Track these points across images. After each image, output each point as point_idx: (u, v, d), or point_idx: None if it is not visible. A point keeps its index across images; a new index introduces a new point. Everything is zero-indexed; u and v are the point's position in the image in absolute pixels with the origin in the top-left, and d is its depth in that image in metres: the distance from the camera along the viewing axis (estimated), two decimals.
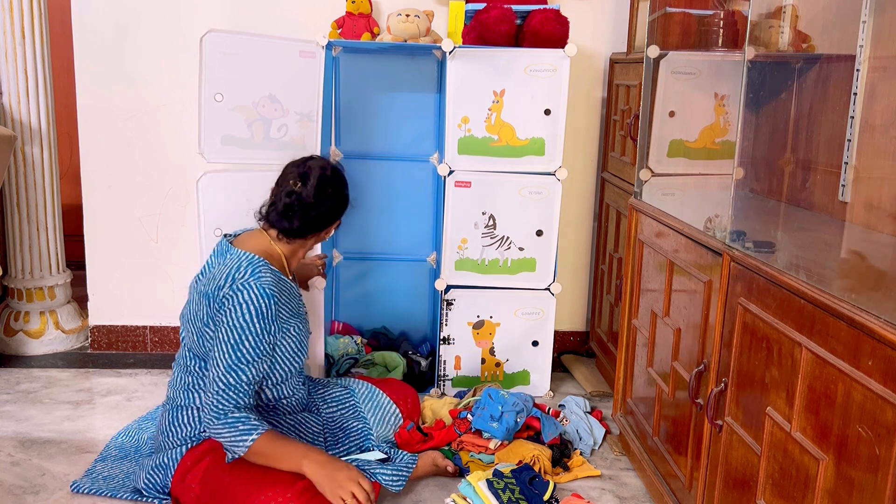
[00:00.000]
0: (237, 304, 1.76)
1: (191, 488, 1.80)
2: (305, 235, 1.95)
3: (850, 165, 1.64)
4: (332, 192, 1.93)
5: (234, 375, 1.76)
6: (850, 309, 1.11)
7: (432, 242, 2.83)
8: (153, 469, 1.87)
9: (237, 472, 1.76)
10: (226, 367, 1.76)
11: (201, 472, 1.79)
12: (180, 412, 1.88)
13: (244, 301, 1.76)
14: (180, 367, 1.93)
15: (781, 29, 1.92)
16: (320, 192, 1.91)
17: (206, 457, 1.81)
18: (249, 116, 2.38)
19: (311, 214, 1.91)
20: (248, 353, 1.76)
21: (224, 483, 1.76)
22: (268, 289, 1.79)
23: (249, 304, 1.76)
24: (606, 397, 2.64)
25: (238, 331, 1.76)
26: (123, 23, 2.72)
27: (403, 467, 1.95)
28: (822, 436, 1.19)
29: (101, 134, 2.79)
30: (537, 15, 2.39)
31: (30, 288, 2.90)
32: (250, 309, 1.76)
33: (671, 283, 1.89)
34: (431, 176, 2.78)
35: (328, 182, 1.92)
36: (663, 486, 1.89)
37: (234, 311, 1.76)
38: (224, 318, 1.77)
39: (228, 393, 1.75)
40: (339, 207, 1.98)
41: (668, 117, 2.16)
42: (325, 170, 1.94)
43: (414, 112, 2.74)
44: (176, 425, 1.87)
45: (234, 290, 1.77)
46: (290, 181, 1.92)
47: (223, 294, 1.79)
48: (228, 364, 1.76)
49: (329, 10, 2.71)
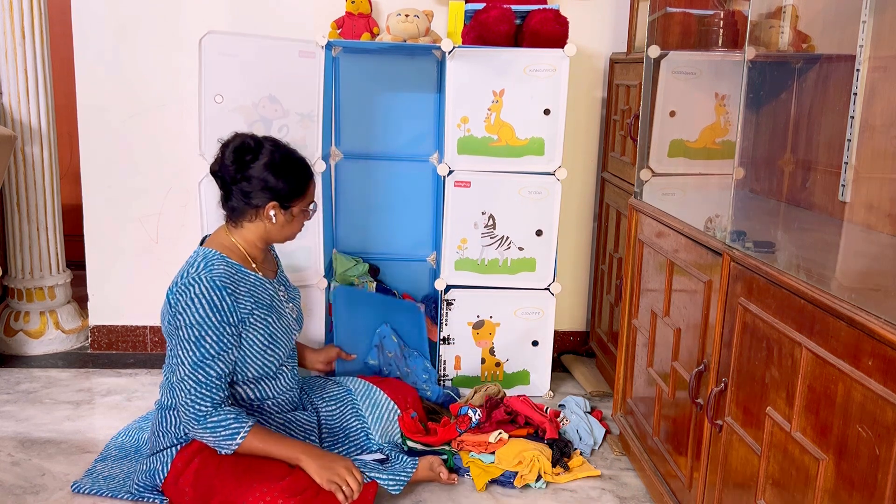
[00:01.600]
0: (189, 299, 1.74)
1: (184, 492, 1.79)
2: (244, 213, 1.86)
3: (850, 165, 1.64)
4: (255, 163, 1.81)
5: (203, 372, 1.74)
6: (850, 309, 1.11)
7: (432, 242, 2.83)
8: (145, 473, 1.87)
9: (225, 473, 1.76)
10: (192, 365, 1.74)
11: (192, 474, 1.79)
12: (167, 413, 1.88)
13: (196, 295, 1.74)
14: (168, 365, 1.91)
15: (781, 29, 1.92)
16: (239, 160, 1.81)
17: (196, 458, 1.80)
18: (250, 117, 2.38)
19: (239, 187, 1.82)
20: (212, 348, 1.75)
21: (213, 484, 1.76)
22: (218, 280, 1.76)
23: (202, 297, 1.74)
24: (606, 397, 2.64)
25: (197, 327, 1.74)
26: (123, 23, 2.72)
27: (402, 471, 1.95)
28: (822, 436, 1.19)
29: (101, 134, 2.79)
30: (537, 15, 2.39)
31: (30, 288, 2.90)
32: (203, 303, 1.74)
33: (671, 283, 1.89)
34: (431, 176, 2.78)
35: (248, 150, 1.82)
36: (663, 486, 1.89)
37: (189, 308, 1.74)
38: (182, 316, 1.75)
39: (201, 391, 1.74)
40: (272, 183, 1.83)
41: (668, 117, 2.16)
42: (246, 141, 1.84)
43: (414, 112, 2.74)
44: (165, 425, 1.87)
45: (185, 286, 1.76)
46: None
47: (176, 289, 1.78)
48: (194, 361, 1.74)
49: (329, 10, 2.71)
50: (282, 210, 1.87)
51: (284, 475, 1.76)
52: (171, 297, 1.80)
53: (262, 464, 1.79)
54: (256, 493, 1.71)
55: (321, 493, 1.76)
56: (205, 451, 1.81)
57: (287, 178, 1.85)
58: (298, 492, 1.73)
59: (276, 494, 1.71)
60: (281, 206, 1.86)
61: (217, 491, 1.75)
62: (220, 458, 1.79)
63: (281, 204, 1.86)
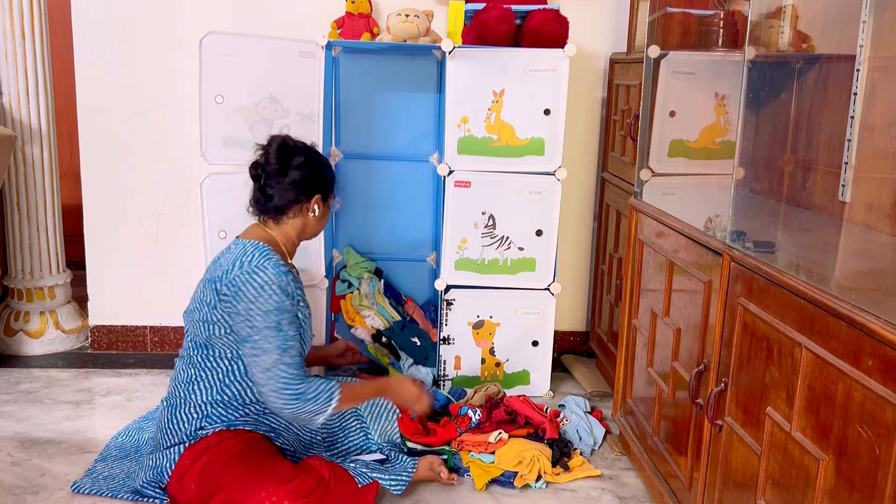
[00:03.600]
0: (260, 286, 1.77)
1: (188, 489, 1.80)
2: (284, 209, 1.93)
3: (850, 165, 1.64)
4: (297, 159, 1.92)
5: (289, 354, 1.79)
6: (850, 309, 1.11)
7: (432, 242, 2.83)
8: (151, 469, 1.87)
9: (233, 471, 1.77)
10: (279, 350, 1.78)
11: (198, 472, 1.79)
12: (178, 409, 1.88)
13: (265, 283, 1.78)
14: (183, 360, 1.92)
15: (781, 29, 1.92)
16: (283, 159, 1.91)
17: (203, 456, 1.81)
18: (250, 118, 2.39)
19: (281, 182, 1.91)
20: (290, 330, 1.81)
21: (220, 481, 1.76)
22: (282, 267, 1.82)
23: (272, 284, 1.78)
24: (606, 397, 2.64)
25: (275, 313, 1.77)
26: (123, 23, 2.72)
27: (403, 471, 1.95)
28: (822, 436, 1.19)
29: (101, 134, 2.79)
30: (537, 15, 2.39)
31: (30, 288, 2.90)
32: (273, 288, 1.78)
33: (671, 283, 1.89)
34: (431, 176, 2.78)
35: (290, 150, 1.93)
36: (663, 486, 1.89)
37: (261, 296, 1.77)
38: (251, 304, 1.77)
39: (291, 372, 1.78)
40: (314, 176, 1.94)
41: (668, 117, 2.16)
42: (286, 140, 1.95)
43: (414, 112, 2.74)
44: (174, 422, 1.87)
45: (251, 273, 1.78)
46: (255, 158, 1.96)
47: (235, 278, 1.79)
48: (280, 346, 1.78)
49: (329, 10, 2.71)
50: (322, 202, 1.98)
51: (292, 477, 1.77)
52: (228, 283, 1.79)
53: (271, 464, 1.80)
54: (262, 492, 1.72)
55: (327, 495, 1.77)
56: (213, 449, 1.81)
57: (326, 172, 1.99)
58: (305, 494, 1.74)
59: (282, 496, 1.71)
60: (322, 198, 1.97)
61: (223, 488, 1.75)
62: (228, 455, 1.79)
63: (323, 196, 1.97)
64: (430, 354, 2.62)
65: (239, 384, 1.85)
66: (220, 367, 1.86)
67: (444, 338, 2.58)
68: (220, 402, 1.85)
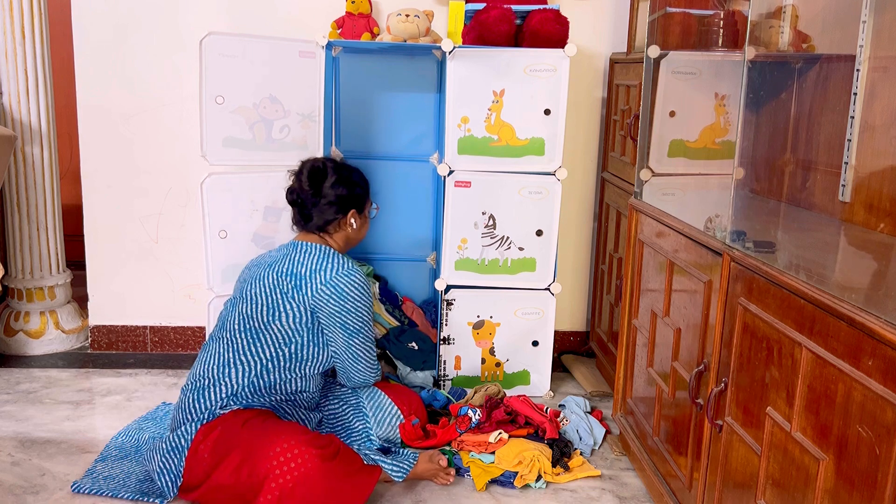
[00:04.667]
0: (354, 288, 2.00)
1: (202, 458, 1.83)
2: (325, 226, 2.11)
3: (850, 165, 1.64)
4: (329, 180, 2.09)
5: (372, 346, 2.11)
6: (850, 309, 1.11)
7: (432, 242, 2.83)
8: (169, 451, 1.88)
9: (249, 429, 1.83)
10: (367, 340, 2.07)
11: (213, 440, 1.84)
12: (207, 389, 1.94)
13: (359, 285, 2.01)
14: (221, 342, 1.99)
15: (781, 29, 1.92)
16: (315, 182, 2.08)
17: (218, 427, 1.86)
18: (251, 118, 2.39)
19: (318, 204, 2.08)
20: (372, 327, 2.11)
21: (236, 440, 1.81)
22: (363, 274, 2.05)
23: (363, 287, 2.03)
24: (606, 397, 2.64)
25: (367, 311, 2.05)
26: (123, 23, 2.72)
27: (405, 460, 1.98)
28: (822, 436, 1.19)
29: (101, 134, 2.80)
30: (537, 15, 2.39)
31: (30, 288, 2.90)
32: (365, 290, 2.04)
33: (671, 283, 1.89)
34: (431, 176, 2.78)
35: (321, 172, 2.10)
36: (663, 486, 1.89)
37: (362, 297, 2.02)
38: (347, 303, 1.98)
39: (373, 360, 2.12)
40: (347, 194, 2.10)
41: (668, 117, 2.16)
42: (315, 162, 2.13)
43: (414, 112, 2.74)
44: (199, 401, 1.92)
45: (346, 276, 2.00)
46: (289, 184, 2.14)
47: (332, 278, 1.98)
48: (365, 342, 2.07)
49: (329, 10, 2.71)
50: (358, 215, 2.14)
51: (306, 432, 1.84)
52: (327, 283, 1.98)
53: (287, 424, 1.88)
54: (280, 443, 1.77)
55: (338, 456, 1.82)
56: (227, 420, 1.87)
57: (358, 187, 2.14)
58: (319, 446, 1.79)
59: (298, 443, 1.77)
60: (358, 211, 2.14)
61: (239, 445, 1.80)
62: (244, 419, 1.87)
63: (358, 209, 2.14)
64: (431, 357, 2.62)
65: (278, 373, 1.97)
66: (265, 354, 1.95)
67: (444, 338, 2.58)
68: (255, 386, 1.94)
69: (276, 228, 2.48)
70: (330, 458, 1.80)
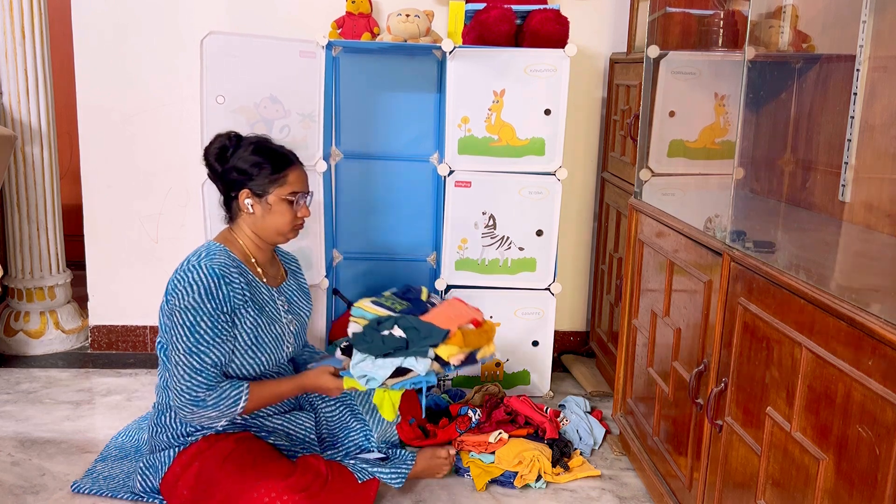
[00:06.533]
0: (188, 283, 1.75)
1: (181, 494, 1.79)
2: (230, 207, 1.91)
3: (850, 165, 1.64)
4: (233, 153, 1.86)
5: (198, 358, 1.74)
6: (850, 309, 1.11)
7: (432, 242, 2.83)
8: (146, 469, 1.87)
9: (229, 469, 1.76)
10: (186, 350, 1.73)
11: (192, 477, 1.78)
12: (164, 414, 1.88)
13: (193, 281, 1.75)
14: (160, 363, 1.92)
15: (781, 29, 1.92)
16: (221, 157, 1.87)
17: (196, 461, 1.80)
18: (251, 118, 2.38)
19: (222, 181, 1.89)
20: (207, 334, 1.74)
21: (216, 483, 1.76)
22: (218, 269, 1.77)
23: (199, 283, 1.75)
24: (606, 397, 2.64)
25: (192, 312, 1.74)
26: (123, 23, 2.72)
27: (403, 464, 1.95)
28: (822, 436, 1.19)
29: (101, 134, 2.80)
30: (537, 15, 2.39)
31: (30, 288, 2.90)
32: (199, 289, 1.74)
33: (671, 283, 1.89)
34: (431, 176, 2.78)
35: (225, 146, 1.87)
36: (663, 486, 1.89)
37: (184, 294, 1.74)
38: (177, 301, 1.75)
39: (196, 378, 1.73)
40: (245, 164, 1.85)
41: (668, 117, 2.16)
42: (226, 135, 1.89)
43: (414, 112, 2.74)
44: (162, 427, 1.87)
45: (185, 271, 1.77)
46: None
47: (174, 276, 1.79)
48: (188, 347, 1.73)
49: (329, 10, 2.71)
50: (256, 198, 1.86)
51: (290, 473, 1.76)
52: (169, 285, 1.81)
53: (267, 462, 1.79)
54: (261, 489, 1.71)
55: (325, 488, 1.77)
56: (205, 452, 1.80)
57: (255, 164, 1.85)
58: (303, 488, 1.74)
59: (280, 490, 1.71)
60: (253, 193, 1.85)
61: (220, 488, 1.75)
62: (222, 456, 1.78)
63: (253, 191, 1.85)
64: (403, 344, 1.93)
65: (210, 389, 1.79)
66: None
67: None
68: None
69: None
70: (317, 493, 1.74)
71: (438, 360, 1.85)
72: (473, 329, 1.94)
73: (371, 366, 1.82)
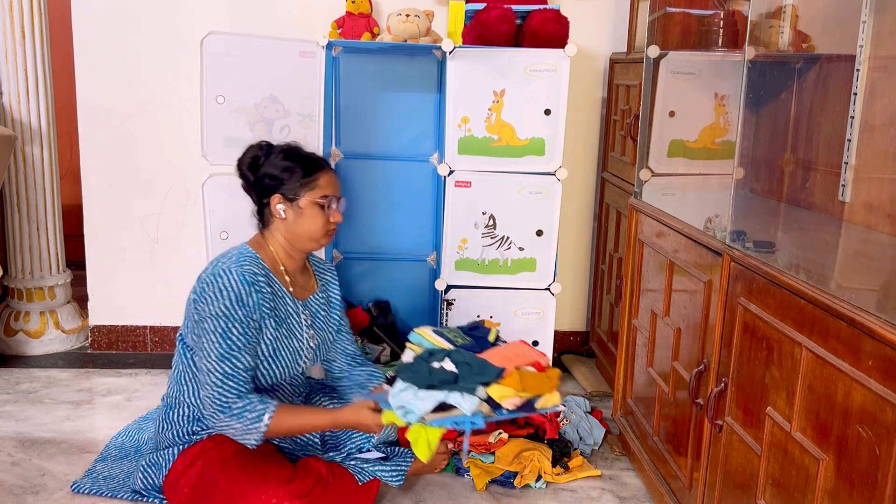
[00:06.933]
0: (217, 290, 1.74)
1: (182, 493, 1.79)
2: (260, 214, 1.91)
3: (850, 165, 1.64)
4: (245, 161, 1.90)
5: (229, 363, 1.73)
6: (850, 309, 1.11)
7: (432, 242, 2.83)
8: (148, 466, 1.87)
9: (231, 471, 1.75)
10: (217, 357, 1.73)
11: (194, 476, 1.78)
12: (173, 410, 1.88)
13: (223, 287, 1.74)
14: (176, 354, 1.91)
15: (781, 29, 1.92)
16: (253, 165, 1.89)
17: (199, 460, 1.79)
18: (251, 118, 2.39)
19: (254, 189, 1.90)
20: (239, 340, 1.74)
21: (218, 482, 1.75)
22: (248, 275, 1.76)
23: (229, 289, 1.74)
24: (606, 397, 2.64)
25: (223, 319, 1.73)
26: (123, 23, 2.72)
27: (402, 461, 1.96)
28: (822, 436, 1.19)
29: (101, 134, 2.79)
30: (537, 15, 2.39)
31: (30, 288, 2.90)
32: (230, 295, 1.73)
33: (671, 283, 1.89)
34: (431, 176, 2.77)
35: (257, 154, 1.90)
36: (663, 486, 1.89)
37: (215, 299, 1.74)
38: (207, 307, 1.74)
39: (227, 383, 1.72)
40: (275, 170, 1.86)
41: (668, 117, 2.16)
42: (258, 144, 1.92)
43: (414, 112, 2.74)
44: (168, 423, 1.87)
45: (215, 276, 1.75)
46: None
47: (204, 278, 1.78)
48: (220, 353, 1.73)
49: (329, 10, 2.71)
50: (288, 202, 1.86)
51: (291, 478, 1.76)
52: (198, 286, 1.79)
53: (269, 465, 1.78)
54: (262, 494, 1.71)
55: (326, 492, 1.77)
56: (208, 452, 1.80)
57: (286, 169, 1.86)
58: (305, 493, 1.73)
59: (282, 496, 1.71)
60: (285, 197, 1.85)
61: (220, 490, 1.74)
62: (225, 457, 1.78)
63: (285, 196, 1.85)
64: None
65: None
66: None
67: None
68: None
69: None
70: (319, 497, 1.74)
71: (490, 402, 1.69)
72: (534, 372, 1.76)
73: (412, 397, 1.69)
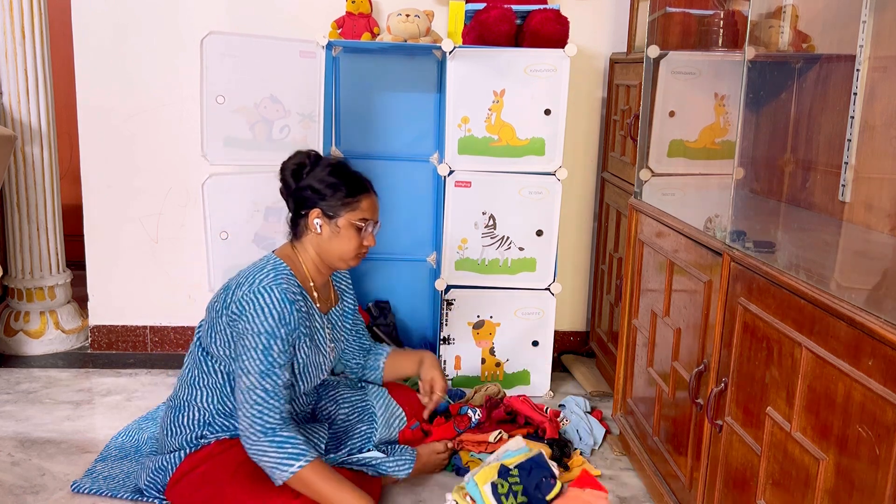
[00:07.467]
0: (259, 308, 1.71)
1: (186, 495, 1.78)
2: (298, 225, 1.87)
3: (850, 165, 1.64)
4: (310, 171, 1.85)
5: (270, 381, 1.71)
6: (850, 309, 1.11)
7: (432, 242, 2.83)
8: (154, 470, 1.86)
9: (240, 481, 1.73)
10: (259, 374, 1.70)
11: (199, 477, 1.76)
12: (181, 412, 1.86)
13: (265, 305, 1.72)
14: (190, 356, 1.90)
15: (781, 29, 1.92)
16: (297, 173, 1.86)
17: (204, 463, 1.78)
18: (251, 118, 2.39)
19: (294, 197, 1.86)
20: (280, 357, 1.72)
21: (224, 490, 1.73)
22: (289, 294, 1.74)
23: (272, 307, 1.72)
24: (606, 397, 2.64)
25: (266, 336, 1.71)
26: (123, 23, 2.73)
27: (406, 454, 1.97)
28: (822, 436, 1.19)
29: (100, 134, 2.80)
30: (537, 15, 2.39)
31: (30, 288, 2.90)
32: (273, 313, 1.71)
33: (671, 283, 1.89)
34: (431, 176, 2.78)
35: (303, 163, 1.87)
36: (663, 486, 1.89)
37: (255, 318, 1.71)
38: (248, 325, 1.72)
39: (269, 401, 1.70)
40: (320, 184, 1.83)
41: (668, 117, 2.16)
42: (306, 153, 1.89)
43: (414, 112, 2.74)
44: (176, 426, 1.86)
45: (257, 293, 1.73)
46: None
47: (244, 294, 1.74)
48: (261, 370, 1.70)
49: (329, 10, 2.71)
50: (326, 218, 1.83)
51: (299, 492, 1.72)
52: (237, 301, 1.75)
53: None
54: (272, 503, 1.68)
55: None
56: (216, 457, 1.78)
57: (331, 185, 1.83)
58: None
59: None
60: (324, 213, 1.83)
61: (227, 497, 1.72)
62: (235, 463, 1.75)
63: (324, 212, 1.83)
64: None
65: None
66: (220, 376, 1.83)
67: (444, 338, 2.58)
68: (222, 411, 1.84)
69: (277, 229, 2.48)
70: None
71: None
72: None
73: None
